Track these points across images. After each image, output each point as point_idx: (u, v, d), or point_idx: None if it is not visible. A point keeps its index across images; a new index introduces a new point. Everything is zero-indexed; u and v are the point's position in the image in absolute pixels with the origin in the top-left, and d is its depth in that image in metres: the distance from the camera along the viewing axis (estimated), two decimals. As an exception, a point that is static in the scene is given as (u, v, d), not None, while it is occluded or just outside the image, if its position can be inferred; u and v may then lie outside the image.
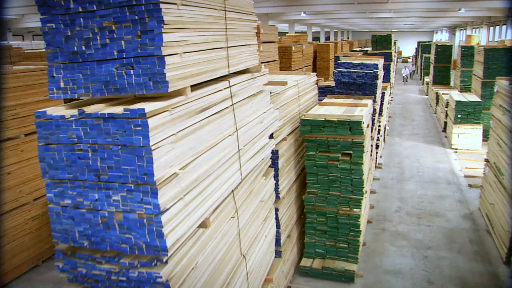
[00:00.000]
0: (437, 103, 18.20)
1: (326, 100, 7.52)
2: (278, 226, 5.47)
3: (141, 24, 2.62)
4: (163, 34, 2.62)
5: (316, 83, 8.14)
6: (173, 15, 2.75)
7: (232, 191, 3.78)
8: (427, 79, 24.83)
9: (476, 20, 33.84)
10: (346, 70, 8.28)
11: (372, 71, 8.20)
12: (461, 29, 44.07)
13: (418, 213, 8.72)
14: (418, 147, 13.88)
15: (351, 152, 5.98)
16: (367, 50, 18.07)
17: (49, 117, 2.64)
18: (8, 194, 6.33)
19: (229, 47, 3.64)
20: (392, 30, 52.23)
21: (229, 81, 3.67)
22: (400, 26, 49.86)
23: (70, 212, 2.74)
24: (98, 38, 2.67)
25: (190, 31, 2.97)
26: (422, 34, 61.89)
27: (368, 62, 8.47)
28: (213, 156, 3.26)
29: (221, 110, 3.49)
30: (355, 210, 6.16)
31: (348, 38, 61.98)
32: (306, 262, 6.45)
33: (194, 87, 3.18)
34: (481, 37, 31.12)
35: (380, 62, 9.31)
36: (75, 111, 2.62)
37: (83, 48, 2.70)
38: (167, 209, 2.63)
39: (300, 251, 6.81)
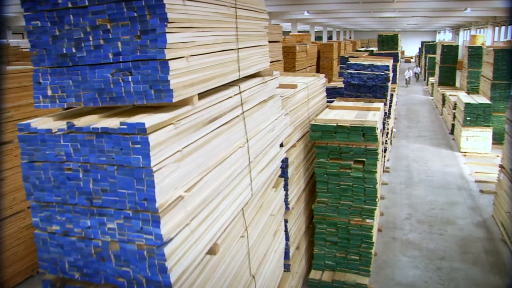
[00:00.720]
0: (443, 104, 17.82)
1: (336, 103, 7.16)
2: (287, 238, 5.14)
3: (141, 23, 2.26)
4: (167, 34, 2.25)
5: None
6: (179, 12, 2.37)
7: (242, 208, 3.42)
8: (432, 79, 24.44)
9: (480, 20, 33.45)
10: (356, 71, 7.91)
11: (383, 73, 7.84)
12: (465, 29, 43.69)
13: (429, 221, 8.38)
14: (426, 150, 13.52)
15: (364, 159, 5.65)
16: (372, 50, 17.71)
17: (34, 130, 2.27)
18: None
19: (240, 48, 3.26)
20: (395, 29, 51.77)
21: (239, 87, 3.29)
22: (403, 25, 49.39)
23: (59, 240, 2.37)
24: (91, 38, 2.31)
25: (197, 30, 2.60)
26: (425, 34, 61.41)
27: (379, 63, 8.11)
28: (222, 172, 2.88)
29: (231, 120, 3.11)
30: (367, 220, 5.84)
31: (350, 37, 61.54)
32: (315, 274, 6.12)
33: (201, 94, 2.80)
34: (486, 37, 30.71)
35: (391, 63, 8.95)
36: (63, 124, 2.25)
37: (73, 50, 2.34)
38: (171, 239, 2.25)
39: (308, 262, 6.47)
